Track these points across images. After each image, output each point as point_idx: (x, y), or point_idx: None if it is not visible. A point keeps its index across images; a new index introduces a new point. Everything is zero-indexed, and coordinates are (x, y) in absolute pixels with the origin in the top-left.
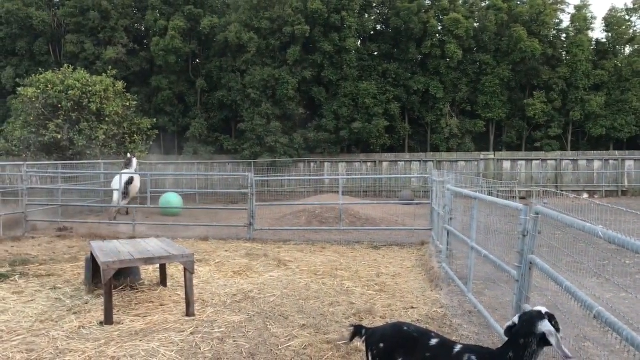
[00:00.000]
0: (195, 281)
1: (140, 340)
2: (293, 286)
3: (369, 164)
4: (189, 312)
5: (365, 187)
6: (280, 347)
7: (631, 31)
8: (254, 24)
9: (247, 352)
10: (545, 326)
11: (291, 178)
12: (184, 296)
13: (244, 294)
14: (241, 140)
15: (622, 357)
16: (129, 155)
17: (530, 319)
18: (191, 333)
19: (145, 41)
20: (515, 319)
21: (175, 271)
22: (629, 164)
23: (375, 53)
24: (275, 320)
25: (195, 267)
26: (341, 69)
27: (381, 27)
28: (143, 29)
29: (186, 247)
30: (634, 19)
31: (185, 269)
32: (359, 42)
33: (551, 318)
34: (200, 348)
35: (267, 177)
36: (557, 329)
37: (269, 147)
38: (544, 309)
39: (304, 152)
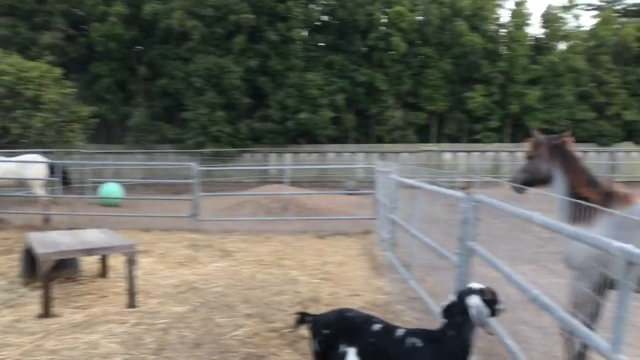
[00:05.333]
0: (137, 272)
1: (81, 333)
2: (238, 276)
3: (315, 154)
4: (132, 304)
5: (312, 178)
6: (225, 337)
7: (565, 28)
8: (198, 11)
9: (192, 342)
10: (470, 300)
11: (236, 168)
12: (126, 288)
13: (188, 285)
14: (185, 130)
15: (555, 339)
16: None
17: (461, 296)
18: (134, 324)
19: (84, 26)
20: (453, 298)
21: (116, 262)
22: None
23: (321, 44)
24: (220, 310)
25: (138, 258)
26: (287, 59)
27: (327, 18)
28: (82, 13)
29: (128, 238)
30: (568, 16)
31: (127, 260)
32: (305, 33)
33: (483, 293)
34: (143, 339)
35: (212, 167)
36: (490, 302)
37: (213, 136)
38: (476, 285)
39: (250, 143)
